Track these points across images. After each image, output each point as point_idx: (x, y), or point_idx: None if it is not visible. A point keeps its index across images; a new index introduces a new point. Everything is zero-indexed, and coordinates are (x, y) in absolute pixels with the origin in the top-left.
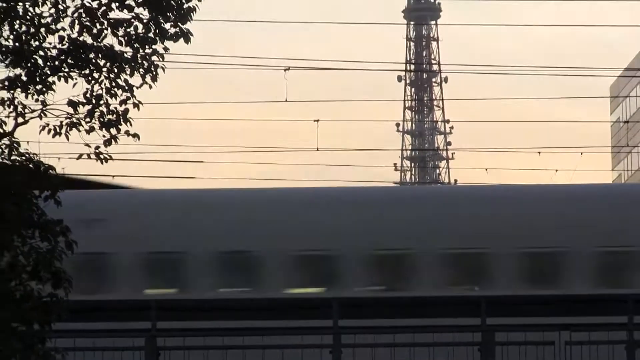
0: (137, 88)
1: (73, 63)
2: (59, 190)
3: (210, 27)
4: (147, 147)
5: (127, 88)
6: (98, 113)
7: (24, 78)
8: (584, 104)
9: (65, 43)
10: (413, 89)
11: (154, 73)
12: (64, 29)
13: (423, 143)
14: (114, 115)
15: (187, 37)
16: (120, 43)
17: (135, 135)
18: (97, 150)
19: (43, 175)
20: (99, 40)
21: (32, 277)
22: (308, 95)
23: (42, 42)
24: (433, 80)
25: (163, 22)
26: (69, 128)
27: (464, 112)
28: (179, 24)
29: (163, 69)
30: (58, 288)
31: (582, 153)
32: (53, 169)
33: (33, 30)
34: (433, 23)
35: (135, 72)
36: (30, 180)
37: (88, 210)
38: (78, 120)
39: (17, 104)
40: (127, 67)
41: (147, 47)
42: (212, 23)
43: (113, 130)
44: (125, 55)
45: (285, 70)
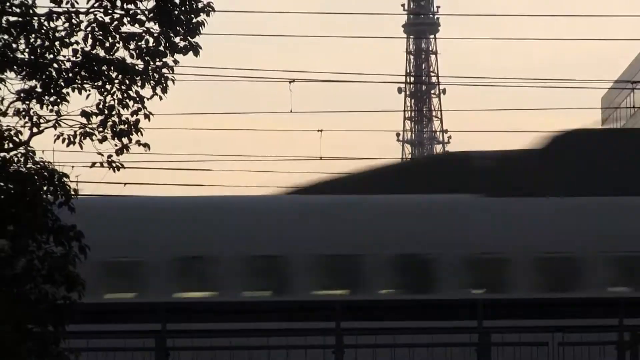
0: (147, 99)
1: (86, 75)
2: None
3: (219, 40)
4: (157, 155)
5: (138, 99)
6: (110, 123)
7: (39, 90)
8: (577, 114)
9: (79, 56)
10: (413, 100)
11: (164, 85)
12: (78, 43)
13: (422, 152)
14: (126, 126)
15: (196, 50)
16: (132, 56)
17: (146, 145)
18: (109, 159)
19: (57, 183)
20: (111, 54)
21: (46, 280)
22: (312, 106)
23: (56, 55)
24: (432, 92)
25: (173, 36)
26: (83, 137)
27: (462, 122)
28: (188, 38)
29: (173, 81)
30: (71, 291)
31: None
32: (67, 177)
33: (48, 44)
34: (432, 37)
35: (146, 84)
36: (45, 188)
37: None
38: (91, 130)
39: (32, 115)
40: (138, 79)
41: (157, 60)
42: (220, 37)
43: (125, 140)
44: (137, 68)
45: (290, 83)
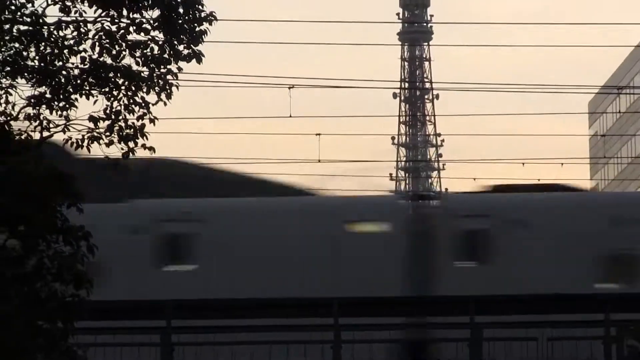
0: (152, 105)
1: (94, 82)
2: (80, 199)
3: (221, 48)
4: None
5: (143, 105)
6: (117, 128)
7: (49, 95)
8: (565, 119)
9: (87, 63)
10: (407, 105)
11: (169, 91)
12: (86, 51)
13: (416, 155)
14: (132, 130)
15: (199, 57)
16: (138, 63)
17: (151, 148)
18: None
19: (66, 185)
20: (118, 61)
21: (56, 278)
22: (310, 111)
23: (65, 62)
24: (425, 97)
25: (177, 44)
26: (91, 141)
27: (454, 126)
28: (192, 46)
29: (177, 87)
30: (80, 289)
31: (562, 164)
32: (75, 179)
33: (57, 52)
34: (425, 45)
35: (151, 90)
36: (55, 189)
37: None
38: (99, 134)
39: (42, 120)
40: (143, 85)
41: (162, 67)
42: (222, 44)
43: (131, 144)
44: (142, 75)
45: (290, 89)
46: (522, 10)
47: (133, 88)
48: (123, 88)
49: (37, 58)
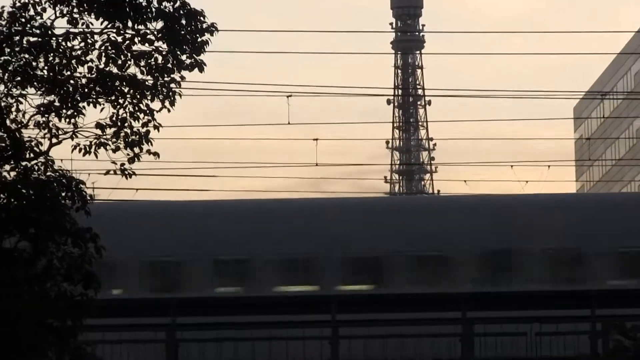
0: (157, 112)
1: (100, 90)
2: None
3: (223, 57)
4: (166, 163)
5: (148, 112)
6: (123, 134)
7: (58, 104)
8: (551, 124)
9: (94, 73)
10: (400, 111)
11: (172, 99)
12: (92, 61)
13: (410, 158)
14: (137, 136)
15: (201, 67)
16: (142, 72)
17: (156, 154)
18: (122, 167)
19: (75, 189)
20: (123, 70)
21: (65, 279)
22: (308, 119)
23: (73, 72)
24: (418, 103)
25: (180, 54)
26: (98, 147)
27: (446, 131)
28: (194, 56)
29: (180, 95)
30: (88, 288)
31: (549, 167)
32: (83, 184)
33: (65, 62)
34: (418, 53)
35: (156, 98)
36: (64, 194)
37: None
38: (105, 141)
39: (51, 127)
40: (148, 93)
41: (165, 75)
42: (224, 54)
43: (136, 149)
44: (147, 83)
45: (288, 97)
46: (510, 19)
47: (138, 96)
48: (128, 96)
49: (46, 68)
